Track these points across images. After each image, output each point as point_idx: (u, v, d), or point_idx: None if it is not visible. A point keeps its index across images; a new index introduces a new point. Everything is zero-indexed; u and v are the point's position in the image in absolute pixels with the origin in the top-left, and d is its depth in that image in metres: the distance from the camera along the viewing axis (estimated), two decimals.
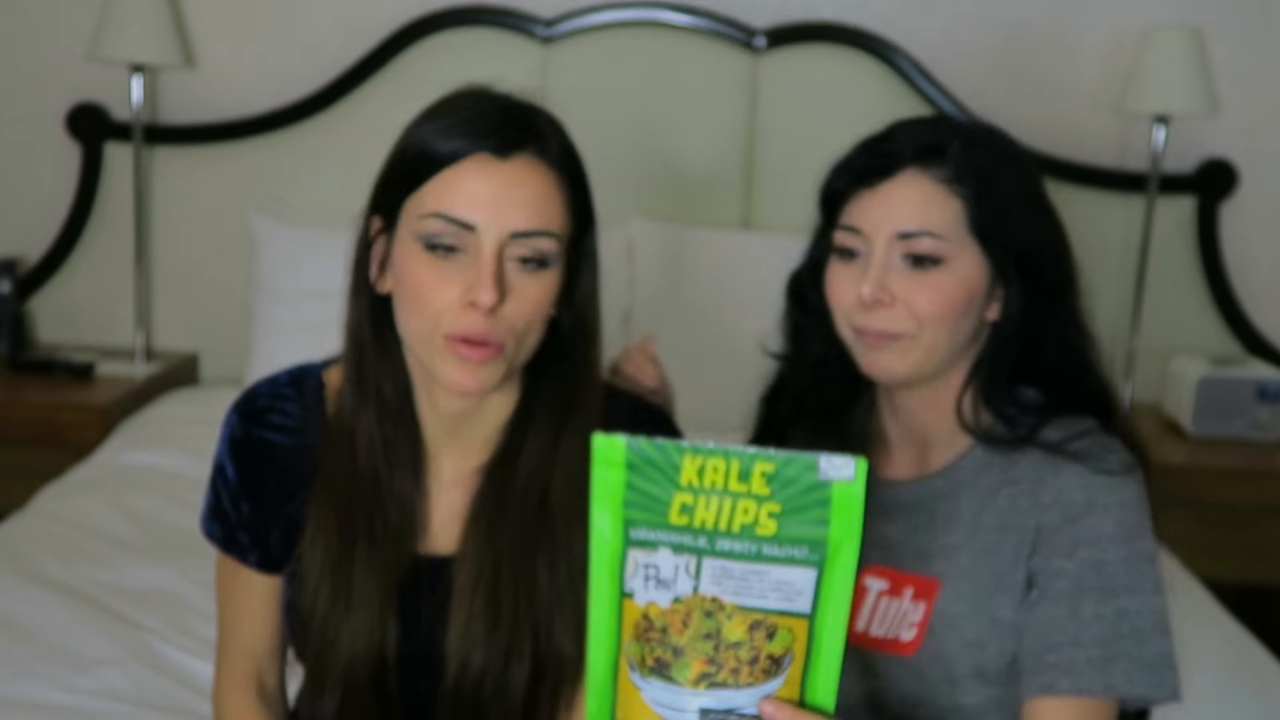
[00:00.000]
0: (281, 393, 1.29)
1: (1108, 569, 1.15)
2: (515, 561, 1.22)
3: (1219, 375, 2.87)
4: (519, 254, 1.14)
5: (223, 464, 1.30)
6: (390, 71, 3.04)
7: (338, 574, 1.23)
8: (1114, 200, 3.08)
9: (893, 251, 1.19)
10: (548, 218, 1.15)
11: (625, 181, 3.05)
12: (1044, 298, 1.22)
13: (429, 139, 1.16)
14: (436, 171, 1.14)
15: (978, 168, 1.19)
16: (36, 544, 2.16)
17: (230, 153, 3.13)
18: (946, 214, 1.18)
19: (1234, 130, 3.06)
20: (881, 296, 1.18)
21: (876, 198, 1.19)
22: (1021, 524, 1.19)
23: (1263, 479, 2.76)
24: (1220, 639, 2.04)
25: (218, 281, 3.17)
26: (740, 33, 3.04)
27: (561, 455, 1.23)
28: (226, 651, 1.35)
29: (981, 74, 3.07)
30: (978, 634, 1.19)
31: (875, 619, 1.24)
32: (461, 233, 1.13)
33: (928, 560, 1.24)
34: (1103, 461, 1.18)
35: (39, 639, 1.86)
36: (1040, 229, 1.23)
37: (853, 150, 1.24)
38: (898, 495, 1.28)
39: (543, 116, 1.20)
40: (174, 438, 2.65)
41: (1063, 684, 1.14)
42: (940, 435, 1.27)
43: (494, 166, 1.13)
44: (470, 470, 1.27)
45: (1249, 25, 3.03)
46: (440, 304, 1.14)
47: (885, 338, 1.20)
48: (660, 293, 2.97)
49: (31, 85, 3.15)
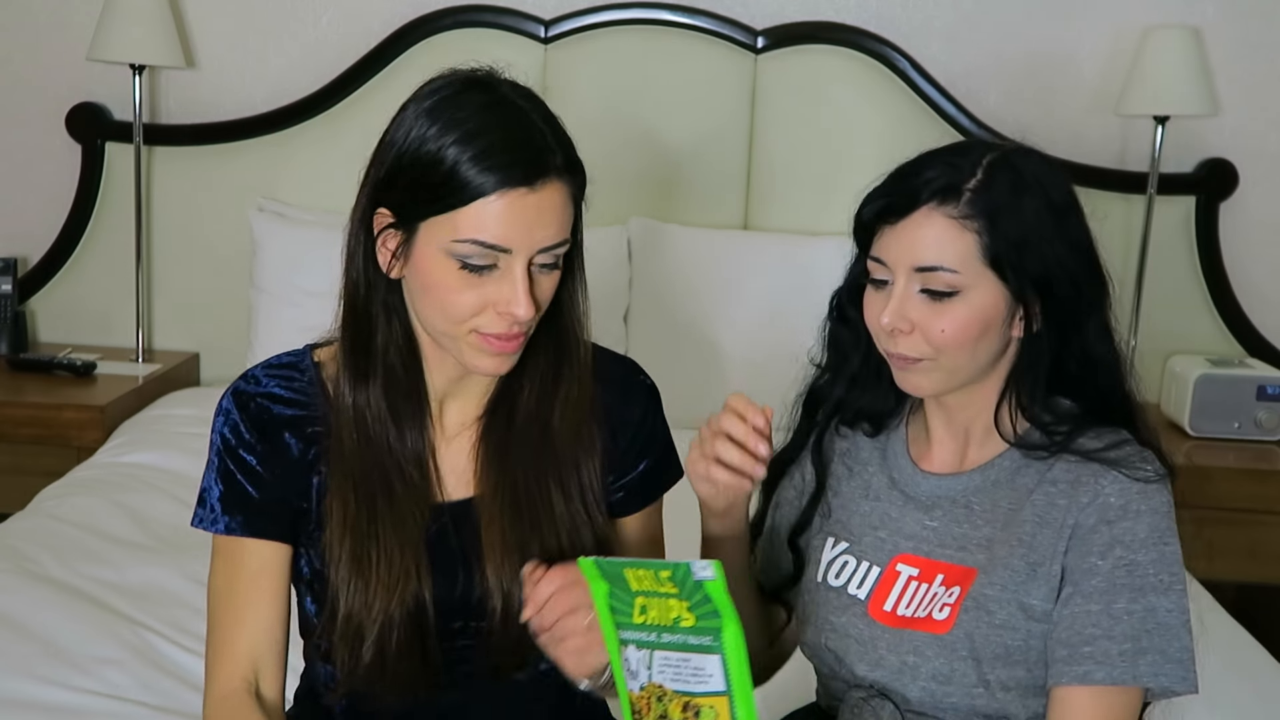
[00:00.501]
0: (277, 370, 1.33)
1: (1139, 569, 1.24)
2: (529, 493, 1.30)
3: (1218, 375, 2.87)
4: (542, 261, 1.22)
5: (232, 446, 1.29)
6: (390, 71, 3.05)
7: (363, 539, 1.26)
8: (1114, 200, 3.08)
9: (912, 283, 1.27)
10: (566, 228, 1.23)
11: (625, 181, 3.05)
12: (1067, 316, 1.28)
13: (455, 162, 1.18)
14: (468, 202, 1.18)
15: (994, 201, 1.25)
16: (36, 544, 2.16)
17: (230, 153, 3.13)
18: (960, 248, 1.24)
19: (1233, 130, 3.07)
20: (901, 325, 1.27)
21: (896, 233, 1.27)
22: (1060, 521, 1.27)
23: (1262, 479, 2.76)
24: (1220, 639, 2.04)
25: (218, 281, 3.17)
26: (740, 33, 3.04)
27: (560, 391, 1.32)
28: (221, 657, 1.30)
29: (981, 74, 3.07)
30: (1007, 617, 1.26)
31: (903, 601, 1.32)
32: (495, 254, 1.19)
33: (965, 551, 1.31)
34: (1138, 470, 1.27)
35: (39, 639, 1.86)
36: (1061, 253, 1.27)
37: (882, 181, 1.31)
38: (937, 488, 1.35)
39: (554, 126, 1.23)
40: (174, 438, 2.65)
41: (1097, 674, 1.22)
42: (980, 432, 1.35)
43: (527, 199, 1.18)
44: (474, 417, 1.34)
45: (1248, 25, 3.03)
46: (472, 310, 1.21)
47: (907, 361, 1.29)
48: (660, 293, 2.97)
49: (31, 85, 3.15)
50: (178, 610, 1.98)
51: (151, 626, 1.93)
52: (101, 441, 2.72)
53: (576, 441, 1.32)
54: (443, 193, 1.18)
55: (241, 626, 1.30)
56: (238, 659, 1.30)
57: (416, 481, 1.30)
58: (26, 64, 3.15)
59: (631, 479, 1.37)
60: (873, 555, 1.35)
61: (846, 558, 1.36)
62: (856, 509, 1.39)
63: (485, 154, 1.17)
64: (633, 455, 1.37)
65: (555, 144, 1.21)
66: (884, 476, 1.39)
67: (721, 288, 2.92)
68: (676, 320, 2.92)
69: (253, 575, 1.30)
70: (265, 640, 1.31)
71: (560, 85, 3.05)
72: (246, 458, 1.29)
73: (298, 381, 1.32)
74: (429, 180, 1.19)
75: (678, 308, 2.94)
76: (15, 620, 1.90)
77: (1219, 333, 3.12)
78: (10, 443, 2.76)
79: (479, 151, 1.17)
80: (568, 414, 1.32)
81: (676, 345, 2.91)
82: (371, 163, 1.25)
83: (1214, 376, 2.86)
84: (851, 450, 1.43)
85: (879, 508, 1.37)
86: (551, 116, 1.24)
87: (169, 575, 2.09)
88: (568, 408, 1.32)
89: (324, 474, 1.29)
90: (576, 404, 1.32)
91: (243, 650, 1.30)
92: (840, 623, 1.34)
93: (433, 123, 1.20)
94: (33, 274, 3.19)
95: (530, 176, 1.18)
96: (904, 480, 1.37)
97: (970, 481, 1.34)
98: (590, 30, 3.06)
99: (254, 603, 1.30)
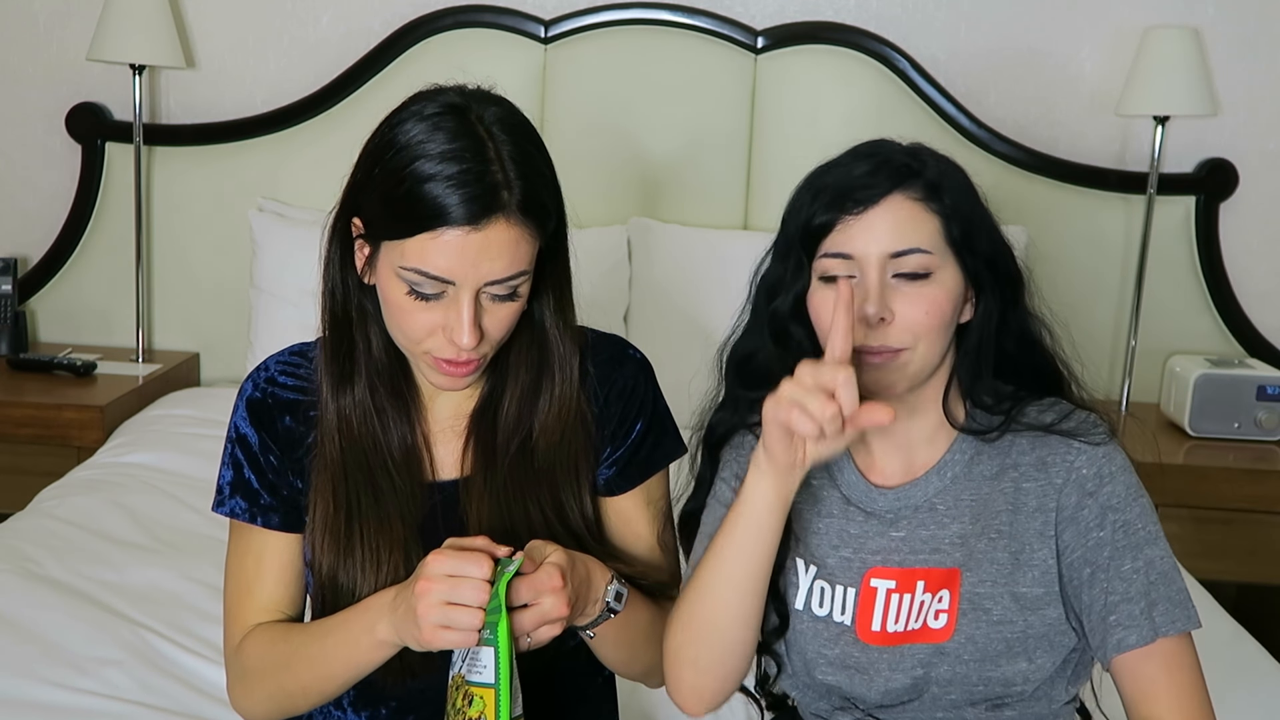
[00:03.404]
0: (290, 359, 1.39)
1: (1132, 526, 1.26)
2: (511, 495, 1.34)
3: (1218, 375, 2.87)
4: (494, 292, 1.23)
5: (242, 432, 1.36)
6: (390, 72, 3.05)
7: (348, 528, 1.31)
8: (1114, 200, 3.08)
9: (885, 271, 1.25)
10: (519, 262, 1.22)
11: (625, 181, 3.05)
12: (1007, 296, 1.30)
13: (409, 191, 1.18)
14: (415, 233, 1.19)
15: (945, 184, 1.27)
16: (36, 544, 2.16)
17: (230, 153, 3.13)
18: (928, 229, 1.25)
19: (1233, 130, 3.07)
20: (884, 314, 1.24)
21: (862, 223, 1.25)
22: (1038, 505, 1.28)
23: (1262, 479, 2.76)
24: (1220, 639, 2.04)
25: (218, 281, 3.18)
26: (740, 33, 3.04)
27: (540, 405, 1.34)
28: (234, 623, 1.37)
29: (981, 75, 3.07)
30: (1003, 613, 1.27)
31: (890, 617, 1.30)
32: (441, 284, 1.21)
33: (940, 553, 1.30)
34: (1094, 435, 1.28)
35: (39, 639, 1.86)
36: (994, 232, 1.30)
37: (810, 187, 1.29)
38: (897, 501, 1.33)
39: (521, 162, 1.21)
40: (174, 438, 2.65)
41: (1129, 639, 1.24)
42: (922, 437, 1.33)
43: (470, 237, 1.19)
44: (465, 411, 1.37)
45: (1248, 25, 3.03)
46: (421, 332, 1.24)
47: (887, 354, 1.25)
48: (660, 293, 2.97)
49: (31, 85, 3.16)
50: (178, 611, 1.98)
51: (151, 627, 1.93)
52: (101, 441, 2.72)
53: (558, 454, 1.34)
54: (395, 218, 1.20)
55: (250, 599, 1.37)
56: (260, 609, 1.37)
57: (404, 472, 1.34)
58: (26, 64, 3.15)
59: (625, 449, 1.38)
60: (843, 576, 1.32)
61: (821, 583, 1.33)
62: (811, 527, 1.34)
63: (434, 188, 1.18)
64: (626, 422, 1.38)
65: (515, 180, 1.20)
66: (833, 492, 1.35)
67: (721, 288, 2.90)
68: (676, 320, 2.92)
69: (256, 558, 1.37)
70: (284, 598, 1.38)
71: (560, 85, 3.05)
72: (252, 445, 1.35)
73: (303, 368, 1.37)
74: (388, 201, 1.21)
75: (677, 307, 2.94)
76: (15, 620, 1.90)
77: (1219, 333, 3.12)
78: (10, 443, 2.77)
79: (429, 185, 1.18)
80: (549, 426, 1.34)
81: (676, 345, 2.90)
82: (353, 169, 1.27)
83: (1214, 376, 2.86)
84: None
85: (834, 525, 1.33)
86: (526, 151, 1.23)
87: (169, 576, 2.09)
88: (549, 420, 1.34)
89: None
90: (558, 417, 1.34)
91: (261, 603, 1.37)
92: (835, 654, 1.32)
93: (400, 145, 1.21)
94: (33, 274, 3.20)
95: (475, 216, 1.18)
96: (859, 497, 1.33)
97: (929, 486, 1.32)
98: (590, 30, 3.06)
99: (260, 581, 1.37)
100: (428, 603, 1.16)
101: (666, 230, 3.02)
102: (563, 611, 1.19)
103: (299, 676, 1.31)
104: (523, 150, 1.22)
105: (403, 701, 1.36)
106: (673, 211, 3.08)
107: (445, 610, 1.16)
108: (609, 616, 1.29)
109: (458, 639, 1.17)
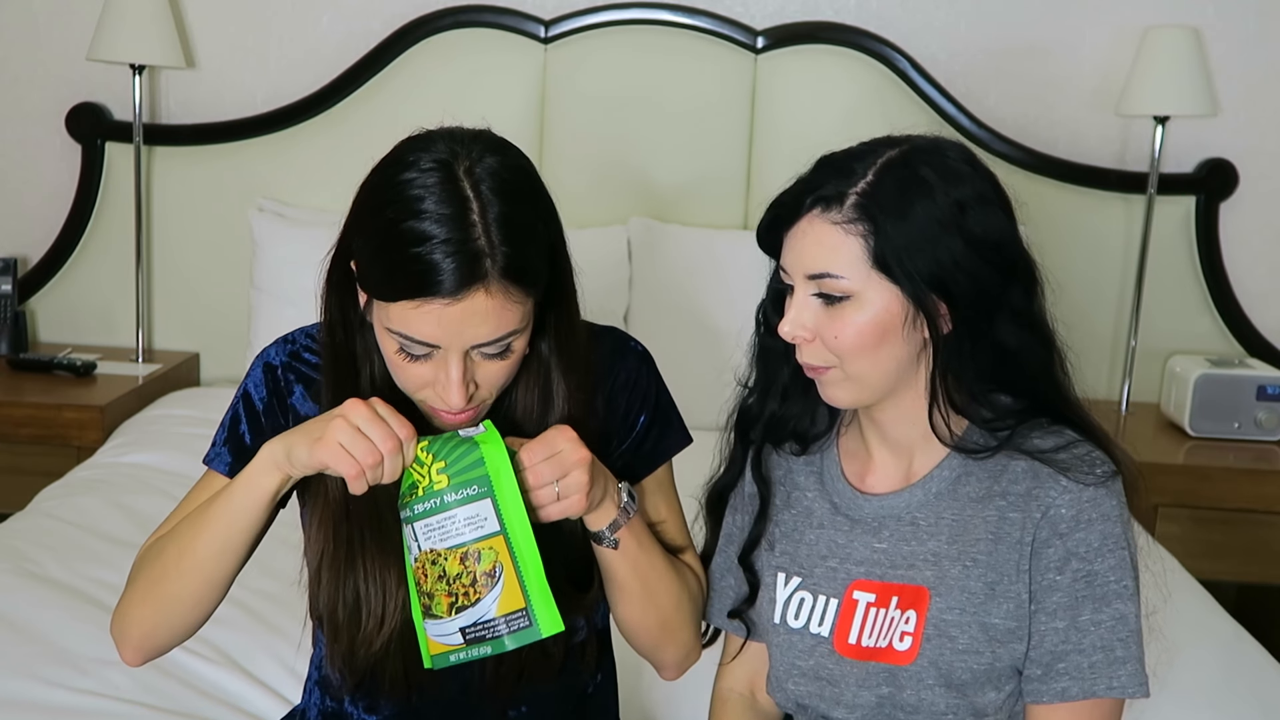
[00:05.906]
0: (307, 337, 1.39)
1: (1099, 578, 1.22)
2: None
3: (1218, 375, 2.87)
4: (485, 351, 1.20)
5: (249, 392, 1.35)
6: (390, 71, 3.04)
7: (347, 564, 1.27)
8: (1114, 200, 3.08)
9: (807, 290, 1.24)
10: (507, 324, 1.18)
11: (625, 181, 3.05)
12: (973, 313, 1.23)
13: (390, 259, 1.15)
14: (398, 299, 1.16)
15: (881, 203, 1.20)
16: (36, 544, 2.16)
17: (230, 153, 3.13)
18: (845, 253, 1.21)
19: (1234, 130, 3.07)
20: (800, 333, 1.24)
21: (789, 241, 1.26)
22: (1017, 538, 1.25)
23: (1262, 479, 2.76)
24: (1219, 639, 2.04)
25: (218, 281, 3.18)
26: (740, 33, 3.04)
27: (554, 407, 1.30)
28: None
29: (981, 74, 3.07)
30: (970, 642, 1.25)
31: (865, 630, 1.29)
32: (427, 346, 1.18)
33: (913, 568, 1.28)
34: (1087, 475, 1.23)
35: (39, 639, 1.86)
36: (956, 251, 1.20)
37: (783, 188, 1.29)
38: (880, 508, 1.32)
39: (507, 223, 1.16)
40: (174, 438, 2.65)
41: (1073, 690, 1.22)
42: (921, 441, 1.30)
43: (450, 308, 1.15)
44: None
45: (1248, 25, 3.04)
46: (415, 385, 1.22)
47: (816, 371, 1.26)
48: (660, 293, 2.97)
49: (31, 85, 3.16)
50: None
51: None
52: (101, 441, 2.72)
53: None
54: (379, 281, 1.18)
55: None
56: None
57: None
58: (26, 64, 3.15)
59: (631, 441, 1.37)
60: (828, 587, 1.31)
61: (802, 594, 1.33)
62: (802, 539, 1.35)
63: (415, 256, 1.14)
64: (631, 414, 1.37)
65: (500, 246, 1.15)
66: (825, 502, 1.35)
67: (721, 287, 2.92)
68: (676, 320, 2.92)
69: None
70: None
71: (560, 85, 3.05)
72: (257, 406, 1.34)
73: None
74: (374, 259, 1.18)
75: (677, 308, 2.94)
76: (15, 620, 1.91)
77: (1219, 333, 3.13)
78: (10, 443, 2.77)
79: (412, 250, 1.14)
80: None
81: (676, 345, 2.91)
82: (346, 215, 1.23)
83: (1214, 376, 2.86)
84: (787, 475, 1.39)
85: (824, 535, 1.33)
86: (514, 211, 1.17)
87: None
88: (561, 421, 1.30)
89: None
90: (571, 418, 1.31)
91: None
92: (808, 666, 1.31)
93: (385, 202, 1.17)
94: (33, 274, 3.20)
95: (455, 288, 1.14)
96: (846, 505, 1.33)
97: (913, 497, 1.30)
98: (590, 30, 3.06)
99: None
100: (340, 424, 1.16)
101: (666, 230, 3.02)
102: (583, 456, 1.19)
103: (170, 546, 1.27)
104: (511, 209, 1.17)
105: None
106: (673, 211, 3.08)
107: (353, 434, 1.15)
108: (627, 518, 1.27)
109: (345, 463, 1.15)
